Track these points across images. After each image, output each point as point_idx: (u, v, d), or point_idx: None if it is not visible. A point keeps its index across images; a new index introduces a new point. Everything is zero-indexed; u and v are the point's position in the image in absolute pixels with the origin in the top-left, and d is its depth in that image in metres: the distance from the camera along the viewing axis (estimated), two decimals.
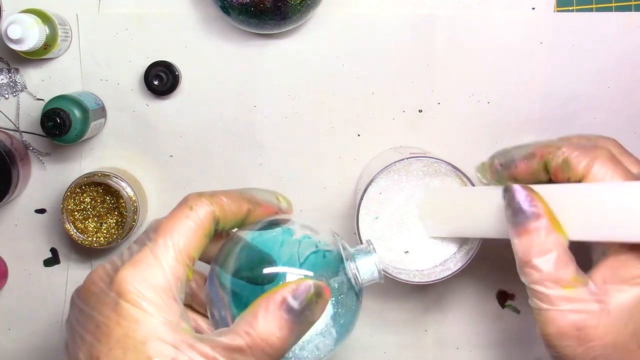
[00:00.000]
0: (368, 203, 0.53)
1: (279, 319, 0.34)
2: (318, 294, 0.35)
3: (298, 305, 0.35)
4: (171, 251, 0.36)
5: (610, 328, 0.39)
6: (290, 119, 0.60)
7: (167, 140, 0.61)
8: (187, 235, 0.36)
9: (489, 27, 0.58)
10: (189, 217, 0.37)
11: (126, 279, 0.35)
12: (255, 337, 0.34)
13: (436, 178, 0.53)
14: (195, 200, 0.38)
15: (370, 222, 0.53)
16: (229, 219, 0.39)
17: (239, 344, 0.34)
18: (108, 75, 0.60)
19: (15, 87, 0.60)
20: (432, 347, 0.62)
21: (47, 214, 0.62)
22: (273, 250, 0.38)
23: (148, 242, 0.36)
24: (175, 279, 0.35)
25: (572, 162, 0.42)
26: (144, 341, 0.33)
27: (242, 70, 0.60)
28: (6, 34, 0.53)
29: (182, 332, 0.34)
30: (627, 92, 0.59)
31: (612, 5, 0.58)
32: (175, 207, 0.38)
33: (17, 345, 0.63)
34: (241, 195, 0.40)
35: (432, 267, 0.53)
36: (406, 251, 0.54)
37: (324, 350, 0.39)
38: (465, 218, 0.49)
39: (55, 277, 0.63)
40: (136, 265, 0.35)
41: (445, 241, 0.53)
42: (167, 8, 0.59)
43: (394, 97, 0.60)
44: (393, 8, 0.59)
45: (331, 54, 0.59)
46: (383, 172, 0.51)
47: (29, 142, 0.61)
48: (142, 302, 0.34)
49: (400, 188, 0.53)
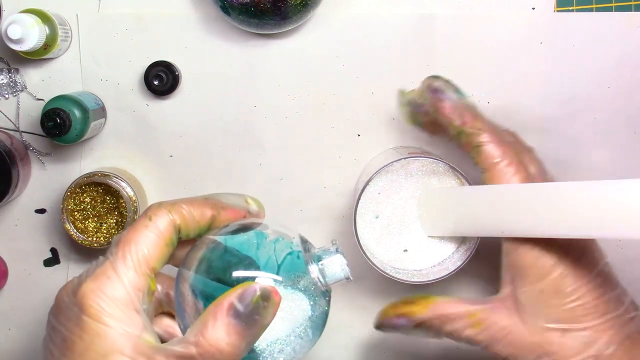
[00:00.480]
0: (367, 202, 0.53)
1: (227, 324, 0.35)
2: (265, 297, 0.35)
3: (244, 309, 0.35)
4: (130, 263, 0.36)
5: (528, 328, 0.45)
6: (290, 119, 0.60)
7: (167, 140, 0.61)
8: (147, 246, 0.37)
9: (489, 27, 0.58)
10: (148, 228, 0.37)
11: (87, 294, 0.35)
12: (205, 344, 0.35)
13: (434, 177, 0.53)
14: (154, 210, 0.38)
15: (369, 221, 0.53)
16: (191, 227, 0.39)
17: (190, 352, 0.35)
18: (108, 75, 0.60)
19: (15, 87, 0.60)
20: (432, 347, 0.62)
21: (47, 214, 0.62)
22: (249, 252, 0.38)
23: (110, 255, 0.37)
24: (136, 290, 0.36)
25: (485, 150, 0.47)
26: (104, 354, 0.34)
27: (242, 70, 0.60)
28: (6, 34, 0.53)
29: (142, 344, 0.35)
30: (627, 92, 0.59)
31: (612, 5, 0.58)
32: (137, 219, 0.38)
33: (17, 345, 0.63)
34: (205, 201, 0.40)
35: (431, 267, 0.53)
36: (405, 250, 0.54)
37: (300, 352, 0.39)
38: (462, 217, 0.50)
39: (55, 277, 0.63)
40: (96, 280, 0.36)
41: (443, 241, 0.54)
42: (167, 8, 0.59)
43: (394, 96, 0.59)
44: (393, 8, 0.59)
45: (331, 54, 0.59)
46: (381, 171, 0.51)
47: (29, 142, 0.61)
48: (102, 316, 0.35)
49: (399, 188, 0.53)
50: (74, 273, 0.62)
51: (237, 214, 0.41)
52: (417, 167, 0.53)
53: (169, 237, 0.38)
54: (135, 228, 0.37)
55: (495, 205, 0.46)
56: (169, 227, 0.38)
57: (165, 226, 0.38)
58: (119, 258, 0.36)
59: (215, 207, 0.40)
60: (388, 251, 0.54)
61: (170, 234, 0.38)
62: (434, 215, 0.52)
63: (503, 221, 0.46)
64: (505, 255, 0.47)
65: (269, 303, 0.35)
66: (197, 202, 0.39)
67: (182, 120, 0.60)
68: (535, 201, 0.43)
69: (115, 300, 0.35)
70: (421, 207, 0.53)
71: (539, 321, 0.44)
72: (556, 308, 0.44)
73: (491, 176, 0.47)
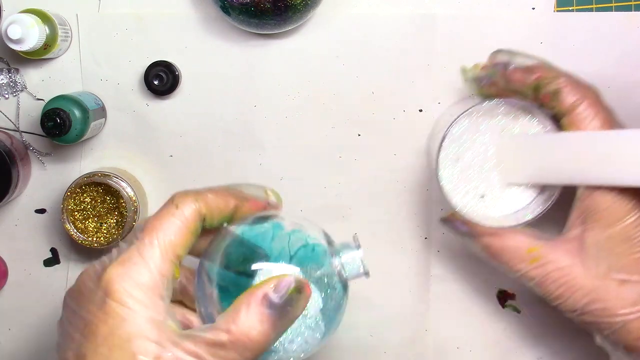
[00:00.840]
0: (449, 143, 0.52)
1: (260, 314, 0.35)
2: (299, 289, 0.36)
3: (279, 300, 0.35)
4: (157, 250, 0.36)
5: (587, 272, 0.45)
6: (290, 119, 0.60)
7: (167, 140, 0.61)
8: (173, 233, 0.37)
9: (489, 27, 0.58)
10: (174, 215, 0.37)
11: (113, 278, 0.35)
12: (237, 332, 0.35)
13: (518, 124, 0.52)
14: (180, 198, 0.38)
15: (449, 163, 0.53)
16: (215, 216, 0.39)
17: (221, 339, 0.35)
18: (108, 75, 0.60)
19: (15, 87, 0.60)
20: (432, 346, 0.62)
21: (47, 214, 0.62)
22: (264, 243, 0.38)
23: (135, 241, 0.37)
24: (162, 277, 0.36)
25: (563, 94, 0.46)
26: (128, 339, 0.34)
27: (242, 70, 0.60)
28: (6, 34, 0.53)
29: (167, 329, 0.35)
30: (627, 92, 0.59)
31: (612, 5, 0.58)
32: (162, 206, 0.38)
33: (17, 345, 0.63)
34: (228, 191, 0.40)
35: (506, 215, 0.53)
36: (482, 196, 0.53)
37: (312, 343, 0.39)
38: (545, 164, 0.49)
39: (55, 277, 0.63)
40: (123, 264, 0.36)
41: (521, 189, 0.53)
42: (167, 8, 0.59)
43: (394, 97, 0.60)
44: (393, 8, 0.59)
45: (331, 54, 0.59)
46: (468, 112, 0.51)
47: (29, 142, 0.61)
48: (128, 300, 0.35)
49: (483, 131, 0.52)
50: (74, 273, 0.62)
51: (258, 205, 0.41)
52: (504, 111, 0.52)
53: (194, 225, 0.38)
54: (161, 215, 0.37)
55: (580, 153, 0.46)
56: (195, 215, 0.38)
57: (191, 214, 0.38)
58: (146, 244, 0.36)
59: (238, 197, 0.40)
60: (466, 195, 0.53)
61: (195, 222, 0.38)
62: (515, 162, 0.52)
63: (586, 168, 0.45)
64: (578, 198, 0.47)
65: (301, 295, 0.36)
66: (222, 192, 0.40)
67: (182, 120, 0.60)
68: (623, 149, 0.42)
69: (141, 285, 0.35)
70: (501, 154, 0.53)
71: (600, 267, 0.44)
72: (621, 256, 0.44)
73: (571, 120, 0.46)
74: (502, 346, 0.62)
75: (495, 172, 0.53)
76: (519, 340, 0.62)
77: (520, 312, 0.62)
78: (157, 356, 0.34)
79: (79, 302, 0.36)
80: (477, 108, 0.51)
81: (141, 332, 0.34)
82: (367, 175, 0.60)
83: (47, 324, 0.63)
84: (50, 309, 0.63)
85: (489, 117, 0.52)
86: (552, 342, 0.61)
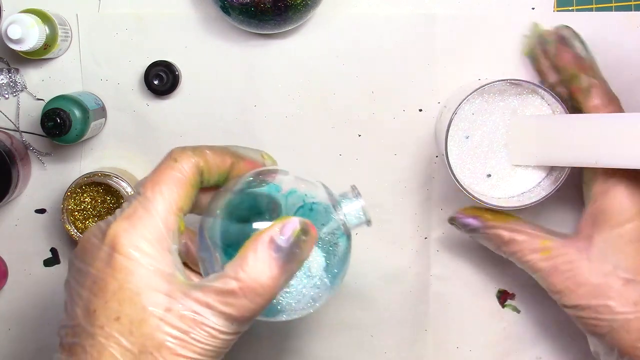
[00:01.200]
0: (459, 121, 0.52)
1: (269, 258, 0.35)
2: (305, 231, 0.36)
3: (286, 243, 0.35)
4: (161, 202, 0.36)
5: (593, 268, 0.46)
6: (290, 119, 0.60)
7: (167, 140, 0.61)
8: (175, 186, 0.37)
9: (489, 27, 0.58)
10: (174, 169, 0.37)
11: (119, 233, 0.35)
12: (246, 278, 0.34)
13: (530, 105, 0.52)
14: (179, 153, 0.38)
15: (458, 141, 0.53)
16: (213, 171, 0.39)
17: (231, 287, 0.34)
18: (108, 75, 0.60)
19: (15, 87, 0.60)
20: (432, 346, 0.62)
21: (47, 214, 0.62)
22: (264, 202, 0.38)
23: (138, 196, 0.37)
24: (167, 229, 0.36)
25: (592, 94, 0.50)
26: (138, 292, 0.34)
27: (242, 70, 0.60)
28: (6, 34, 0.53)
29: (176, 281, 0.35)
30: (627, 92, 0.59)
31: (612, 5, 0.58)
32: (161, 161, 0.38)
33: (17, 345, 0.63)
34: (225, 149, 0.40)
35: (510, 197, 0.53)
36: (489, 175, 0.53)
37: (319, 300, 0.39)
38: (554, 145, 0.50)
39: (55, 277, 0.63)
40: (128, 219, 0.35)
41: (529, 170, 0.53)
42: (167, 8, 0.59)
43: (394, 96, 0.60)
44: (393, 8, 0.59)
45: (331, 54, 0.59)
46: (479, 91, 0.51)
47: (29, 142, 0.61)
48: (135, 253, 0.35)
49: (493, 111, 0.53)
50: None
51: (254, 165, 0.42)
52: (516, 92, 0.52)
53: (194, 179, 0.38)
54: (161, 170, 0.37)
55: (592, 134, 0.46)
56: (194, 168, 0.38)
57: (190, 167, 0.38)
58: (149, 198, 0.36)
59: (235, 156, 0.41)
60: (472, 174, 0.53)
61: (195, 175, 0.38)
62: (523, 143, 0.52)
63: (598, 151, 0.46)
64: (591, 199, 0.49)
65: (308, 237, 0.36)
66: (218, 149, 0.40)
67: (182, 120, 0.60)
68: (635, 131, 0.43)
69: (147, 238, 0.35)
70: (511, 134, 0.53)
71: (606, 264, 0.45)
72: (628, 256, 0.45)
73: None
74: (502, 346, 0.62)
75: (504, 152, 0.53)
76: (519, 340, 0.62)
77: (520, 311, 0.62)
78: (167, 308, 0.34)
79: (85, 260, 0.36)
80: (489, 87, 0.51)
81: (150, 284, 0.34)
82: (367, 175, 0.60)
83: (47, 324, 0.63)
84: (50, 309, 0.63)
85: (501, 97, 0.52)
86: (552, 342, 0.61)
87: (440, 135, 0.52)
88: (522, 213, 0.52)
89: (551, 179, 0.52)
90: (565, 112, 0.50)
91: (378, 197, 0.61)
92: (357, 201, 0.40)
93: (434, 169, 0.60)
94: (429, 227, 0.61)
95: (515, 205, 0.51)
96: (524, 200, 0.51)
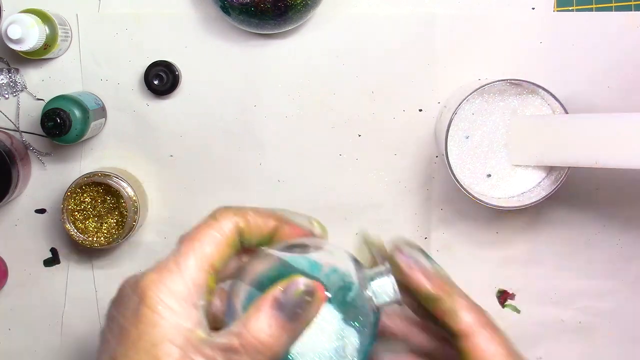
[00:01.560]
0: (459, 121, 0.52)
1: (269, 316, 0.35)
2: (309, 292, 0.36)
3: (287, 302, 0.36)
4: (192, 259, 0.37)
5: None
6: (290, 119, 0.60)
7: (167, 140, 0.61)
8: (210, 244, 0.38)
9: (489, 27, 0.58)
10: (212, 227, 0.38)
11: (148, 285, 0.36)
12: (247, 335, 0.35)
13: (530, 106, 0.52)
14: (220, 212, 0.39)
15: (458, 141, 0.53)
16: (254, 233, 0.40)
17: (233, 343, 0.35)
18: (108, 75, 0.60)
19: (15, 87, 0.60)
20: None
21: (47, 214, 0.62)
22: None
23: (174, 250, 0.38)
24: (196, 286, 0.37)
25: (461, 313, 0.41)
26: (155, 343, 0.35)
27: (242, 70, 0.60)
28: (6, 34, 0.53)
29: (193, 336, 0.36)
30: (627, 92, 0.59)
31: (612, 5, 0.58)
32: (202, 219, 0.39)
33: (17, 345, 0.63)
34: (270, 212, 0.41)
35: (510, 197, 0.53)
36: (488, 175, 0.53)
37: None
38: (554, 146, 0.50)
39: (55, 277, 0.63)
40: (159, 272, 0.37)
41: (529, 170, 0.53)
42: (167, 8, 0.59)
43: (394, 96, 0.60)
44: (393, 8, 0.59)
45: (331, 54, 0.59)
46: (479, 91, 0.51)
47: (29, 142, 0.61)
48: (159, 307, 0.36)
49: (493, 111, 0.53)
50: (74, 273, 0.62)
51: (299, 232, 0.41)
52: (516, 92, 0.52)
53: (232, 238, 0.39)
54: (200, 227, 0.38)
55: (591, 134, 0.46)
56: (233, 228, 0.39)
57: (229, 227, 0.38)
58: (182, 253, 0.37)
59: (279, 219, 0.41)
60: (472, 174, 0.53)
61: (233, 235, 0.39)
62: (523, 143, 0.52)
63: (598, 151, 0.46)
64: None
65: (314, 299, 0.36)
66: (263, 211, 0.40)
67: (182, 120, 0.60)
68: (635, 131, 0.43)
69: (174, 293, 0.36)
70: (511, 134, 0.53)
71: None
72: None
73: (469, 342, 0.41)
74: None
75: (504, 152, 0.53)
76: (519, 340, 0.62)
77: (520, 312, 0.62)
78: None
79: (117, 308, 0.37)
80: (489, 87, 0.51)
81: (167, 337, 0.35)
82: (367, 175, 0.60)
83: (47, 324, 0.63)
84: (50, 309, 0.63)
85: (501, 97, 0.52)
86: (552, 342, 0.61)
87: (440, 135, 0.52)
88: (522, 213, 0.52)
89: (551, 179, 0.52)
90: (565, 112, 0.51)
91: (378, 197, 0.61)
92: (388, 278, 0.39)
93: (434, 169, 0.60)
94: (429, 227, 0.61)
95: (515, 205, 0.51)
96: (524, 200, 0.52)
